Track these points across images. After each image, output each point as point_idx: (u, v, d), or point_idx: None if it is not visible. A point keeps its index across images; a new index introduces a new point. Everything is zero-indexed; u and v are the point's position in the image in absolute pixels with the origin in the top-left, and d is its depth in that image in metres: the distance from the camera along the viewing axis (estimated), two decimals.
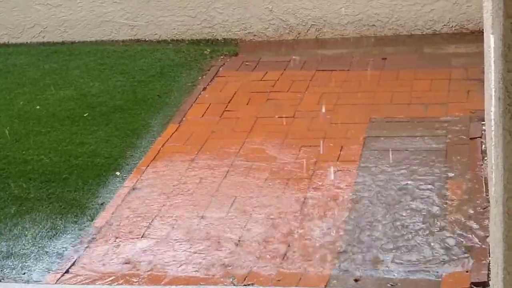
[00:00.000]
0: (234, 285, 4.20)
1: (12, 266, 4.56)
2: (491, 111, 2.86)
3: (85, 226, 4.89)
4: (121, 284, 4.30)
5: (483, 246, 4.29)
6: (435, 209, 4.72)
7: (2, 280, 4.43)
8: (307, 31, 7.86)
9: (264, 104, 6.42)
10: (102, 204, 5.13)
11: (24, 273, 4.49)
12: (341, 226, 4.64)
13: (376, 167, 5.28)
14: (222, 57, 7.53)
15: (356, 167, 5.30)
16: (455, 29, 7.62)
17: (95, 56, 7.72)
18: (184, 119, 6.28)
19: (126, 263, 4.48)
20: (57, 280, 4.38)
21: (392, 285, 4.08)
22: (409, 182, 5.06)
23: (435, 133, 5.66)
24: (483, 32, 5.40)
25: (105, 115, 6.43)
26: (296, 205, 4.91)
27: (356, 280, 4.15)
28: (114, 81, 7.14)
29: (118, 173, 5.51)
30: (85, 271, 4.43)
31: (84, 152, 5.83)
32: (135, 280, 4.31)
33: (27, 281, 4.42)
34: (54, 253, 4.64)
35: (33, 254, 4.65)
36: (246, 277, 4.25)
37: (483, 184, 4.89)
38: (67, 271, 4.45)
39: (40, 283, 4.39)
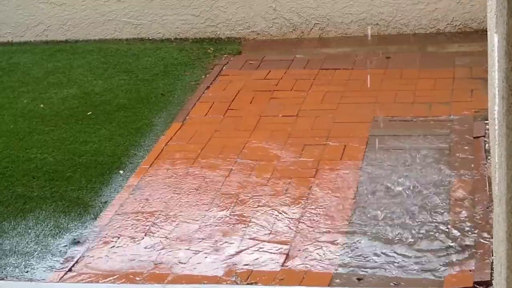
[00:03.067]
0: (237, 283, 4.20)
1: (16, 264, 4.56)
2: (495, 110, 2.86)
3: (88, 225, 4.89)
4: (124, 282, 4.30)
5: (487, 245, 4.29)
6: (438, 208, 4.72)
7: (5, 278, 4.44)
8: (311, 29, 7.85)
9: (267, 103, 6.42)
10: (105, 202, 5.13)
11: (27, 272, 4.49)
12: (344, 225, 4.64)
13: (379, 166, 5.28)
14: (225, 55, 7.54)
15: (359, 166, 5.29)
16: (458, 28, 7.61)
17: (98, 55, 7.73)
18: (187, 117, 6.28)
19: (129, 261, 4.48)
20: (60, 279, 4.39)
21: (395, 284, 4.08)
22: (412, 181, 5.05)
23: (439, 132, 5.65)
24: (486, 31, 5.40)
25: (109, 114, 6.43)
26: (299, 204, 4.91)
27: (359, 279, 4.14)
28: (118, 79, 7.14)
29: (121, 171, 5.51)
30: (88, 270, 4.44)
31: (88, 150, 5.83)
32: (138, 279, 4.31)
33: (30, 279, 4.42)
34: (57, 251, 4.65)
35: (36, 253, 4.65)
36: (249, 275, 4.25)
37: (487, 183, 4.89)
38: (70, 270, 4.45)
39: (43, 281, 4.40)
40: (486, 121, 5.55)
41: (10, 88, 7.13)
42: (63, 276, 4.41)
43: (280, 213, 4.82)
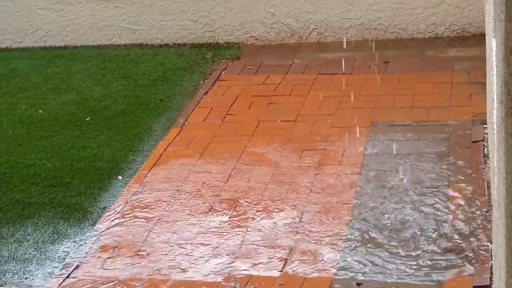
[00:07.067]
0: None
1: (14, 271, 4.56)
2: (493, 115, 2.86)
3: (87, 231, 4.89)
4: None
5: (486, 249, 4.29)
6: (437, 212, 4.71)
7: (4, 285, 4.43)
8: (309, 34, 7.86)
9: (266, 108, 6.42)
10: (104, 208, 5.13)
11: (26, 278, 4.48)
12: (343, 230, 4.63)
13: (378, 170, 5.27)
14: (224, 61, 7.54)
15: (358, 171, 5.29)
16: (457, 33, 7.61)
17: (97, 60, 7.73)
18: (186, 123, 6.28)
19: (128, 267, 4.48)
20: (59, 285, 4.38)
21: None
22: (411, 185, 5.05)
23: (437, 136, 5.65)
24: (485, 35, 5.40)
25: (107, 119, 6.43)
26: (298, 209, 4.90)
27: (358, 284, 4.14)
28: (116, 85, 7.14)
29: (120, 177, 5.51)
30: (87, 276, 4.43)
31: (86, 156, 5.83)
32: (137, 285, 4.31)
33: (29, 286, 4.42)
34: (56, 257, 4.64)
35: (35, 259, 4.64)
36: (248, 281, 4.25)
37: (485, 187, 4.89)
38: (69, 276, 4.44)
39: (42, 287, 4.39)
40: (485, 126, 5.55)
41: (8, 94, 7.12)
42: (62, 282, 4.40)
43: (279, 218, 4.82)
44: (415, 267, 4.23)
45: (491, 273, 4.01)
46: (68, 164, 5.74)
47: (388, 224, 4.65)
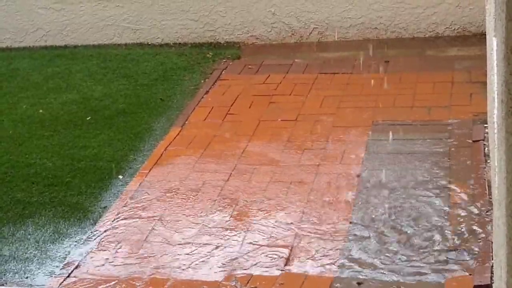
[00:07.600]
0: None
1: (15, 270, 4.56)
2: (494, 114, 2.86)
3: (88, 230, 4.89)
4: None
5: (487, 249, 4.29)
6: (438, 212, 4.72)
7: (5, 284, 4.44)
8: (310, 34, 7.86)
9: (266, 108, 6.42)
10: (104, 207, 5.13)
11: (27, 277, 4.49)
12: (344, 229, 4.63)
13: (378, 170, 5.27)
14: (224, 60, 7.54)
15: (358, 170, 5.29)
16: (457, 32, 7.62)
17: (97, 60, 7.73)
18: (186, 122, 6.28)
19: (129, 267, 4.48)
20: (59, 284, 4.38)
21: None
22: (411, 185, 5.05)
23: (438, 136, 5.65)
24: (485, 35, 5.40)
25: (108, 119, 6.43)
26: (298, 208, 4.91)
27: (359, 283, 4.14)
28: (117, 84, 7.14)
29: (120, 176, 5.51)
30: (88, 275, 4.43)
31: (87, 155, 5.83)
32: (138, 284, 4.31)
33: (30, 285, 4.42)
34: (57, 257, 4.64)
35: (36, 258, 4.65)
36: (249, 280, 4.25)
37: (486, 187, 4.89)
38: (69, 275, 4.44)
39: (43, 287, 4.39)
40: (486, 125, 5.55)
41: (9, 94, 7.13)
42: (62, 281, 4.40)
43: (280, 217, 4.82)
44: (415, 266, 4.23)
45: (492, 273, 4.02)
46: (69, 163, 5.74)
47: (388, 224, 4.66)
